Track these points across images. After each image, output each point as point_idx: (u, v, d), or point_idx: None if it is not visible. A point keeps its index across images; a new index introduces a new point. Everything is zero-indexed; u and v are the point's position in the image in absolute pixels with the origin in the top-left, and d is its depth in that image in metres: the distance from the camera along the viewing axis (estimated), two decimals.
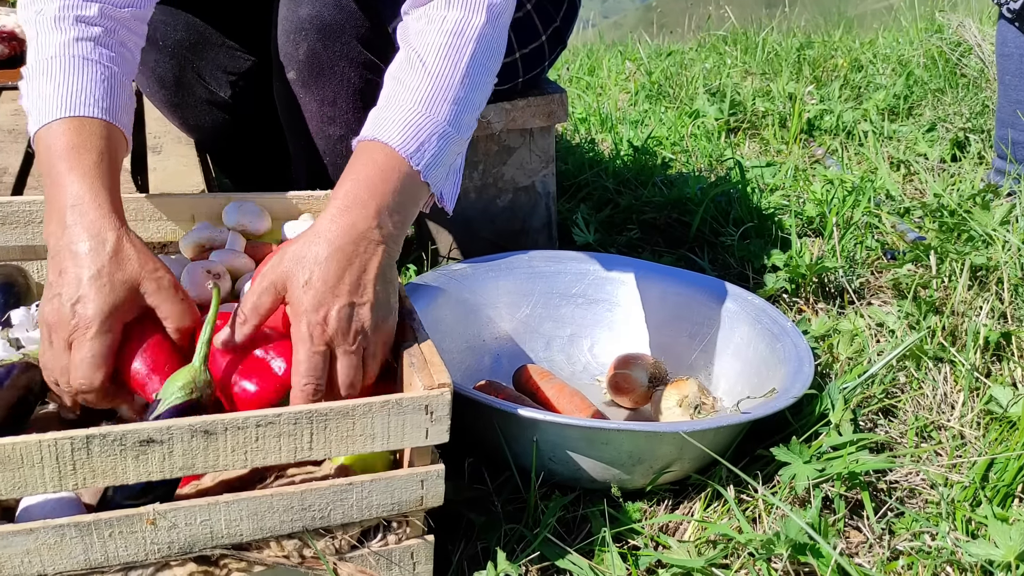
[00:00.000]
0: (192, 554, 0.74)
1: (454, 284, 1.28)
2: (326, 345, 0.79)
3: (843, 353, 1.32)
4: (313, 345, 0.78)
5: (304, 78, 1.18)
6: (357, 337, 0.80)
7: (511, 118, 1.50)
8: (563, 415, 1.12)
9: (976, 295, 1.45)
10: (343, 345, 0.79)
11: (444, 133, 0.88)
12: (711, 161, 2.31)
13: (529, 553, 0.91)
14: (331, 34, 1.15)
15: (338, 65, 1.16)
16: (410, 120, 0.87)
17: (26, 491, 0.68)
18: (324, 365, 0.79)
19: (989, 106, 2.64)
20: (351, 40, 1.14)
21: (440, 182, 0.92)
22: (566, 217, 1.84)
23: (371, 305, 0.80)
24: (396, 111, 0.88)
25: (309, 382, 0.78)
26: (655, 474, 1.00)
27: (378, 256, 0.82)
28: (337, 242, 0.80)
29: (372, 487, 0.77)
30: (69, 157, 0.83)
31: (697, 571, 0.90)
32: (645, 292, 1.35)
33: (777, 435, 1.10)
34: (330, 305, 0.78)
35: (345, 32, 1.15)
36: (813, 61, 3.35)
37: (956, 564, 0.90)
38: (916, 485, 1.05)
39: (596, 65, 3.67)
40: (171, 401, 0.76)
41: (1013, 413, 1.10)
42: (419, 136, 0.86)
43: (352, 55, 1.15)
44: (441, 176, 0.91)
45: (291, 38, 1.17)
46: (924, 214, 1.80)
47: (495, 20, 0.94)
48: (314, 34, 1.15)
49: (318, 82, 1.17)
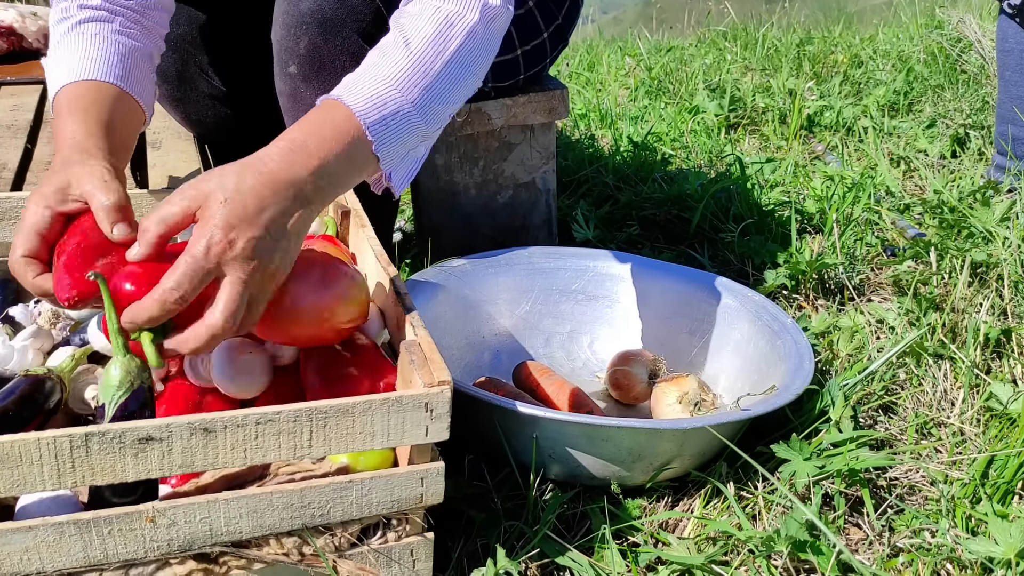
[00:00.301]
0: (192, 552, 0.73)
1: (454, 280, 1.28)
2: (218, 264, 0.73)
3: (843, 350, 1.31)
4: (206, 258, 0.72)
5: (305, 72, 1.18)
6: (255, 273, 0.74)
7: (512, 114, 1.50)
8: (563, 412, 1.12)
9: (976, 292, 1.44)
10: (237, 272, 0.73)
11: (407, 115, 0.87)
12: (711, 157, 2.30)
13: (529, 550, 0.91)
14: (332, 28, 1.14)
15: (339, 59, 1.15)
16: (379, 92, 0.86)
17: (25, 489, 0.68)
18: (202, 282, 0.72)
19: (989, 102, 2.63)
20: (352, 34, 1.14)
21: (393, 162, 0.89)
22: (566, 213, 1.83)
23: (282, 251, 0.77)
24: (368, 80, 0.87)
25: (179, 288, 0.71)
26: (655, 471, 1.00)
27: (301, 208, 0.78)
28: (268, 177, 0.76)
29: (372, 485, 0.77)
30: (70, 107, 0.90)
31: (697, 568, 0.90)
32: (645, 289, 1.34)
33: (777, 432, 1.10)
34: (242, 230, 0.73)
35: (346, 26, 1.14)
36: (813, 57, 3.35)
37: (956, 561, 0.90)
38: (916, 482, 1.05)
39: (596, 61, 3.66)
40: (117, 400, 0.73)
41: (1013, 410, 1.10)
42: (383, 109, 0.85)
43: (354, 49, 1.15)
44: (396, 156, 0.89)
45: (292, 32, 1.16)
46: (924, 210, 1.80)
47: (488, 22, 0.94)
48: (315, 28, 1.15)
49: (319, 76, 1.17)
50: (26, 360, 0.86)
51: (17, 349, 0.85)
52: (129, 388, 0.73)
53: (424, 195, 1.57)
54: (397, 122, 0.86)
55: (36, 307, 0.96)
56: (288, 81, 1.21)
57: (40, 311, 0.95)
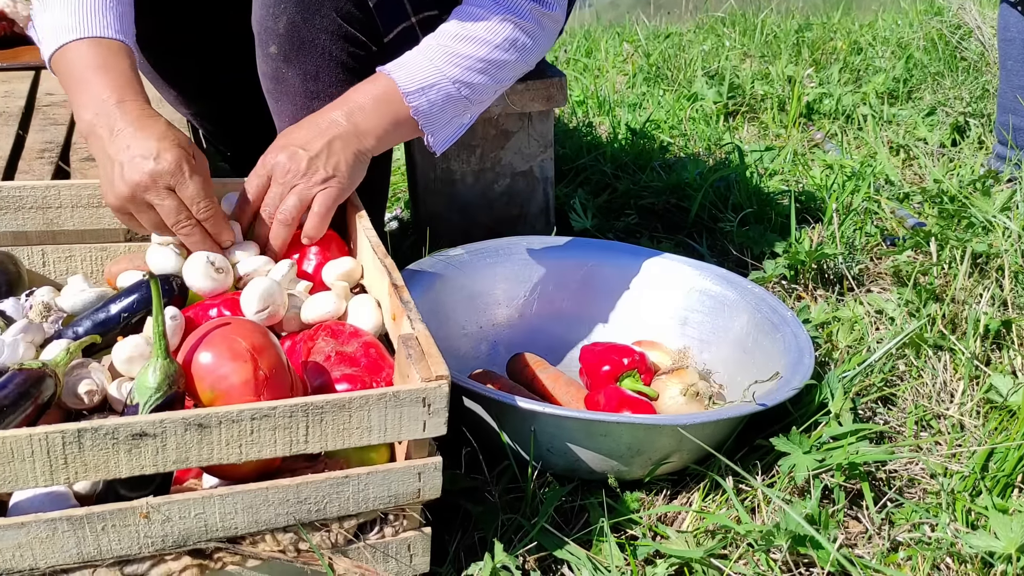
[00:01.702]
0: (187, 548, 0.73)
1: (451, 270, 1.27)
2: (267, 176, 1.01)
3: (842, 341, 1.31)
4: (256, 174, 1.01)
5: (286, 52, 1.17)
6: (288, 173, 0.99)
7: (509, 102, 1.48)
8: (562, 407, 1.11)
9: (976, 282, 1.44)
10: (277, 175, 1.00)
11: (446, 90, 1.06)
12: (709, 145, 2.29)
13: (527, 543, 0.91)
14: (310, 6, 1.13)
15: (319, 38, 1.14)
16: (424, 69, 1.05)
17: (17, 485, 0.67)
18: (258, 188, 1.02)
19: (989, 90, 2.62)
20: (330, 12, 1.13)
21: (434, 126, 1.08)
22: (564, 202, 1.82)
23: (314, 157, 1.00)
24: (417, 57, 1.06)
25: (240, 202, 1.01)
26: (653, 465, 1.00)
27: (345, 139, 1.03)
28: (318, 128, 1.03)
29: (369, 480, 0.76)
30: (103, 73, 0.96)
31: (696, 562, 0.90)
32: (643, 279, 1.33)
33: (776, 424, 1.09)
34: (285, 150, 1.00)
35: (324, 4, 1.13)
36: (812, 43, 3.33)
37: (956, 555, 0.90)
38: (916, 475, 1.05)
39: (594, 46, 3.64)
40: (153, 402, 0.74)
41: (1013, 402, 1.09)
42: (424, 83, 1.05)
43: (332, 28, 1.14)
44: (437, 122, 1.08)
45: (270, 11, 1.15)
46: (924, 200, 1.79)
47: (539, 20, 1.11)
48: (293, 7, 1.13)
49: (300, 56, 1.15)
50: (17, 354, 0.84)
51: (8, 343, 0.84)
52: (165, 392, 0.74)
53: (421, 184, 1.56)
54: (434, 93, 1.06)
55: (27, 300, 0.95)
56: (269, 62, 1.19)
57: (31, 304, 0.93)
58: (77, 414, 0.85)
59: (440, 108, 1.07)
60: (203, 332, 0.79)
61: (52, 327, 0.91)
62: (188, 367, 0.77)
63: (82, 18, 0.98)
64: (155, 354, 0.75)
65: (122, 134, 0.93)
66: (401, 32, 1.19)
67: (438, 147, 1.11)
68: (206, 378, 0.76)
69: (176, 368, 0.76)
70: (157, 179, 0.92)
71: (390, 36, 1.18)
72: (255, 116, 1.51)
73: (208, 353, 0.77)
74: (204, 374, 0.76)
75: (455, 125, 1.11)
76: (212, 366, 0.76)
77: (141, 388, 0.74)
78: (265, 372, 0.77)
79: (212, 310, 0.93)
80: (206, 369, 0.76)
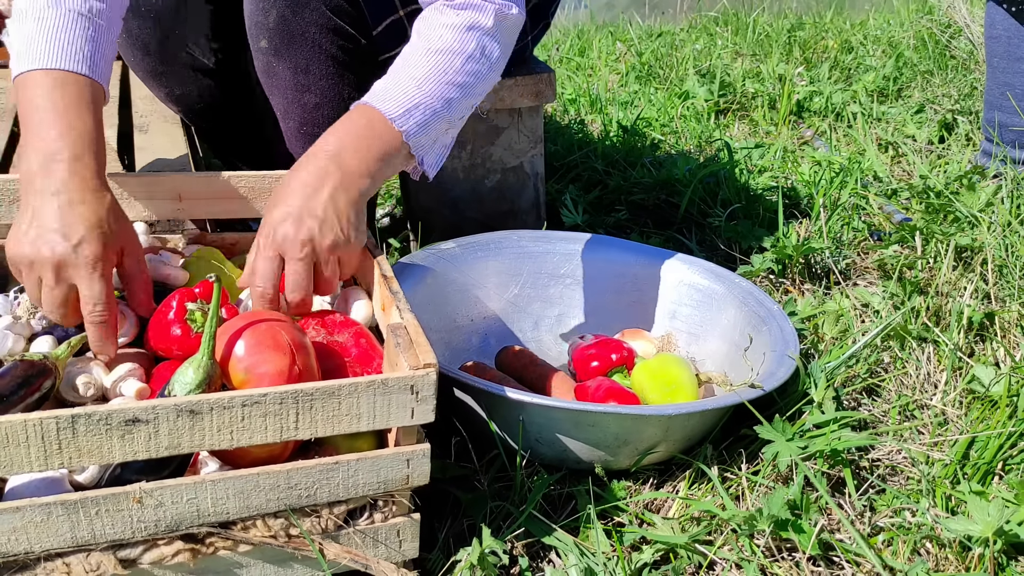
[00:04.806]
0: (179, 532, 0.74)
1: (442, 264, 1.28)
2: (275, 252, 0.89)
3: (828, 333, 1.33)
4: (262, 252, 0.90)
5: (276, 46, 1.18)
6: (304, 248, 0.88)
7: (499, 97, 1.50)
8: (551, 397, 1.13)
9: (960, 276, 1.46)
10: (290, 252, 0.89)
11: (432, 107, 0.98)
12: (700, 142, 2.31)
13: (515, 529, 0.92)
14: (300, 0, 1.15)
15: (309, 31, 1.15)
16: (406, 91, 0.97)
17: (12, 470, 0.68)
18: (274, 271, 0.89)
19: (977, 88, 2.64)
20: (320, 6, 1.14)
21: (424, 149, 1.00)
22: (555, 198, 1.84)
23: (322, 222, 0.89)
24: (393, 83, 0.98)
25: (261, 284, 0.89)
26: (640, 455, 1.01)
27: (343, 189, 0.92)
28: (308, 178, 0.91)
29: (358, 466, 0.78)
30: (62, 114, 0.88)
31: (681, 547, 0.91)
32: (633, 274, 1.35)
33: (762, 412, 1.11)
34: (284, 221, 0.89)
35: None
36: (803, 42, 3.35)
37: (935, 540, 0.92)
38: (898, 463, 1.07)
39: (587, 46, 3.65)
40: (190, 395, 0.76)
41: (995, 392, 1.11)
42: (409, 104, 0.97)
43: (322, 21, 1.15)
44: (426, 144, 1.00)
45: (260, 6, 1.16)
46: (911, 195, 1.81)
47: (500, 20, 1.04)
48: (283, 1, 1.15)
49: (290, 49, 1.17)
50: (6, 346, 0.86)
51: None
52: (203, 391, 0.76)
53: (412, 180, 1.57)
54: (420, 113, 0.97)
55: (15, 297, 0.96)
56: (260, 56, 1.21)
57: (19, 301, 0.95)
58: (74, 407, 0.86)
59: (427, 128, 0.99)
60: (247, 321, 0.82)
61: (39, 323, 0.93)
62: (229, 349, 0.80)
63: (53, 44, 0.90)
64: (201, 352, 0.78)
65: (57, 199, 0.84)
66: (389, 25, 1.21)
67: (431, 169, 1.04)
68: (244, 360, 0.79)
69: (217, 370, 0.79)
70: (61, 266, 0.84)
71: (378, 29, 1.20)
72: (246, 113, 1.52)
73: (251, 337, 0.80)
74: (242, 357, 0.80)
75: (440, 146, 1.04)
76: (252, 351, 0.80)
77: (181, 383, 0.77)
78: (300, 368, 0.80)
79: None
80: (245, 352, 0.80)
